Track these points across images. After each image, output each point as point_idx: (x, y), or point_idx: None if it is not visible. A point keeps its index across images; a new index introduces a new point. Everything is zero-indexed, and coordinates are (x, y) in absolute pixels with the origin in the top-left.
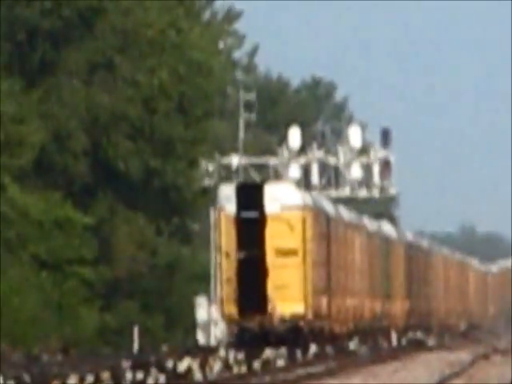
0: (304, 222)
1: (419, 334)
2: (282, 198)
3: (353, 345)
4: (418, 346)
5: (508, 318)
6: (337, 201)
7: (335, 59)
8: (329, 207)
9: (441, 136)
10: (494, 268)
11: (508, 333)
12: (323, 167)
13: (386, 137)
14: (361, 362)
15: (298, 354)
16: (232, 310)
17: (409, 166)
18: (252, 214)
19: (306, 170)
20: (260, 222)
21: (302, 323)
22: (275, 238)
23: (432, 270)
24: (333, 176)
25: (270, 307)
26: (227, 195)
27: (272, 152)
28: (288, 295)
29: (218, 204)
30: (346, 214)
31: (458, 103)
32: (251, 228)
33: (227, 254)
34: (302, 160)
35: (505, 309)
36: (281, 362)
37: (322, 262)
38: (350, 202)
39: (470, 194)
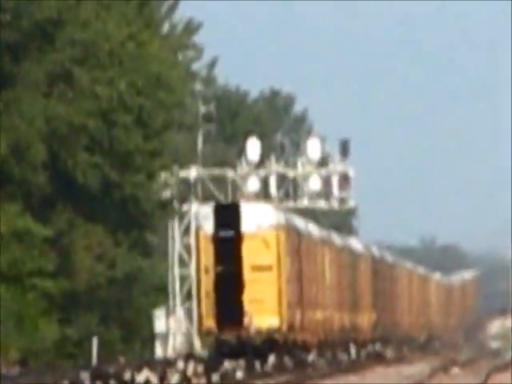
0: (278, 239)
1: (378, 347)
2: (257, 218)
3: (311, 357)
4: (377, 359)
5: (467, 329)
6: (295, 212)
7: (294, 71)
8: (300, 225)
9: (400, 148)
10: (455, 280)
11: (467, 345)
12: (282, 179)
13: (345, 148)
14: (319, 375)
15: (257, 365)
16: (210, 323)
17: (368, 177)
18: (229, 233)
19: (265, 182)
20: (237, 240)
21: (277, 335)
22: (251, 254)
23: (396, 284)
24: (291, 188)
25: (246, 320)
26: (205, 214)
27: (231, 164)
28: (264, 309)
29: (196, 223)
30: (315, 230)
31: (418, 115)
32: (228, 246)
33: (206, 270)
34: (261, 172)
35: (464, 321)
36: (240, 374)
37: (294, 277)
38: (308, 213)
39: (430, 205)
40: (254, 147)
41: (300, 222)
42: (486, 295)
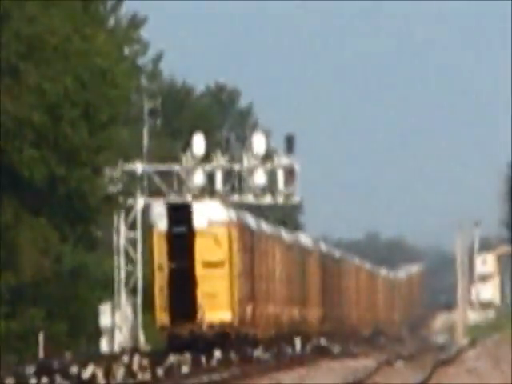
0: (230, 236)
1: (323, 341)
2: (209, 215)
3: (257, 351)
4: (323, 353)
5: (413, 324)
6: (241, 207)
7: (239, 66)
8: (251, 222)
9: (345, 142)
10: (401, 275)
11: (412, 339)
12: (227, 174)
13: (289, 143)
14: (265, 369)
15: (203, 360)
16: (164, 317)
17: (313, 172)
18: (182, 230)
19: (210, 177)
20: (189, 237)
21: (229, 329)
22: (204, 251)
23: (344, 279)
24: (237, 182)
25: (199, 315)
26: (159, 213)
27: (176, 159)
28: (216, 304)
29: (150, 221)
30: (266, 227)
31: (362, 110)
32: (181, 242)
33: (160, 267)
34: (207, 167)
35: (410, 315)
36: (185, 369)
37: (246, 273)
38: (254, 208)
39: (374, 200)
40: (199, 142)
41: (251, 219)
42: (431, 289)
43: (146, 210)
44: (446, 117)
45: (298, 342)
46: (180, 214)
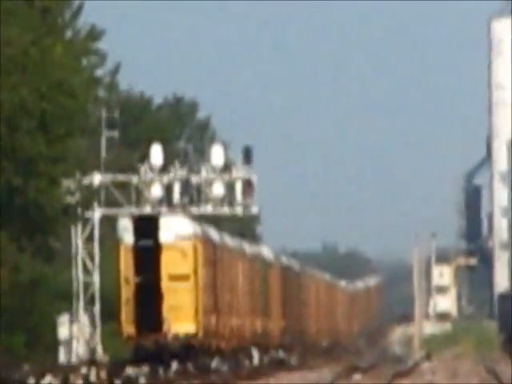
0: (195, 250)
1: (281, 353)
2: (175, 229)
3: (215, 362)
4: (281, 365)
5: (370, 335)
6: (199, 219)
7: (197, 78)
8: (215, 236)
9: (304, 154)
10: (359, 286)
11: (370, 351)
12: (186, 185)
13: (247, 155)
14: (222, 381)
15: (160, 371)
16: (130, 329)
17: (272, 183)
18: (148, 244)
19: (169, 188)
20: (155, 251)
21: (193, 341)
22: (170, 265)
23: (304, 291)
24: (195, 194)
25: (164, 327)
26: (125, 226)
27: (134, 170)
28: (181, 316)
29: (116, 234)
30: (229, 241)
31: (320, 120)
32: (147, 256)
33: (126, 280)
34: (165, 178)
35: (368, 327)
36: (142, 380)
37: (210, 286)
38: (212, 220)
39: (332, 212)
40: (157, 153)
41: (214, 233)
42: (389, 301)
43: (104, 222)
44: (403, 128)
45: (255, 353)
46: (146, 228)
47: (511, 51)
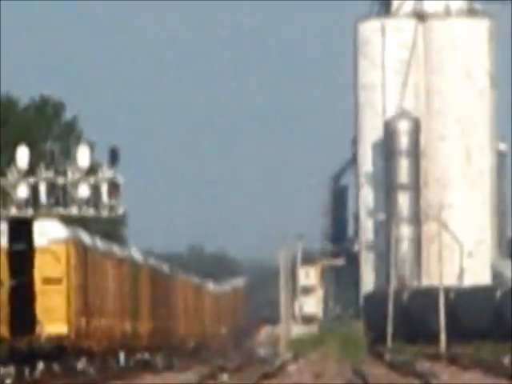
0: (67, 253)
1: (147, 355)
2: (48, 233)
3: (81, 364)
4: (147, 367)
5: (236, 337)
6: (65, 220)
7: (63, 78)
8: (86, 239)
9: (170, 156)
10: (226, 288)
11: (236, 352)
12: (51, 187)
13: (113, 156)
14: (87, 381)
15: (26, 372)
16: (4, 331)
17: (138, 185)
18: (22, 247)
19: (34, 190)
20: (29, 254)
21: (65, 342)
22: (43, 268)
23: (172, 293)
24: (61, 195)
25: (38, 329)
26: (1, 230)
27: (1, 172)
28: (54, 318)
29: None
30: (100, 244)
31: (186, 122)
32: (21, 259)
33: (1, 283)
34: (31, 180)
35: (234, 328)
36: (8, 381)
37: (82, 288)
38: (78, 221)
39: (197, 214)
40: (23, 155)
41: (85, 236)
42: (255, 303)
43: None
44: (270, 129)
45: (122, 355)
46: (20, 232)
47: (380, 52)
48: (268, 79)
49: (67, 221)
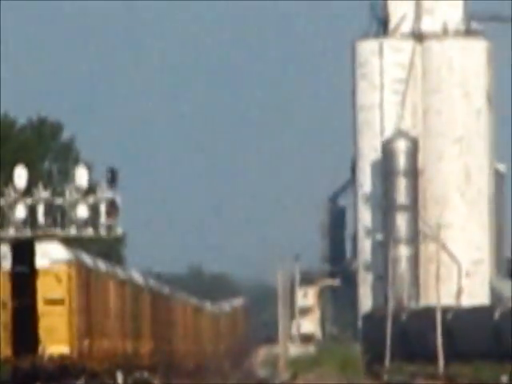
0: (70, 275)
1: (146, 374)
2: (50, 255)
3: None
4: None
5: (235, 357)
6: (63, 241)
7: (61, 99)
8: (88, 260)
9: (169, 176)
10: (225, 309)
11: (235, 372)
12: (49, 207)
13: (112, 176)
14: None
15: None
16: (8, 352)
17: (137, 205)
18: (24, 269)
19: (32, 210)
20: (31, 275)
21: (67, 362)
22: (45, 289)
23: (172, 314)
24: (59, 216)
25: (40, 349)
26: (4, 253)
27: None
28: (56, 338)
29: None
30: (102, 265)
31: (185, 143)
32: (24, 281)
33: (4, 304)
34: (28, 200)
35: (233, 349)
36: None
37: (84, 309)
38: (76, 241)
39: (197, 235)
40: (20, 175)
41: (87, 258)
42: (254, 323)
43: None
44: (267, 150)
45: (119, 375)
46: (22, 253)
47: (378, 72)
48: (266, 100)
49: (65, 241)
